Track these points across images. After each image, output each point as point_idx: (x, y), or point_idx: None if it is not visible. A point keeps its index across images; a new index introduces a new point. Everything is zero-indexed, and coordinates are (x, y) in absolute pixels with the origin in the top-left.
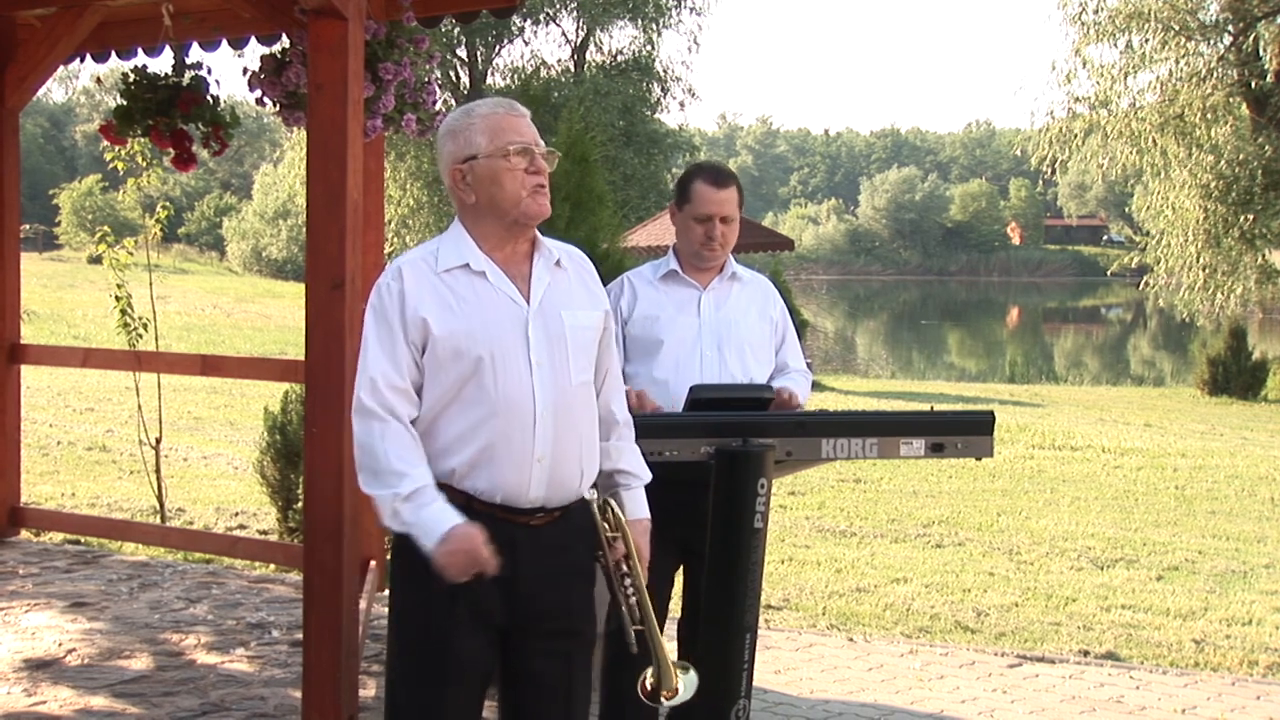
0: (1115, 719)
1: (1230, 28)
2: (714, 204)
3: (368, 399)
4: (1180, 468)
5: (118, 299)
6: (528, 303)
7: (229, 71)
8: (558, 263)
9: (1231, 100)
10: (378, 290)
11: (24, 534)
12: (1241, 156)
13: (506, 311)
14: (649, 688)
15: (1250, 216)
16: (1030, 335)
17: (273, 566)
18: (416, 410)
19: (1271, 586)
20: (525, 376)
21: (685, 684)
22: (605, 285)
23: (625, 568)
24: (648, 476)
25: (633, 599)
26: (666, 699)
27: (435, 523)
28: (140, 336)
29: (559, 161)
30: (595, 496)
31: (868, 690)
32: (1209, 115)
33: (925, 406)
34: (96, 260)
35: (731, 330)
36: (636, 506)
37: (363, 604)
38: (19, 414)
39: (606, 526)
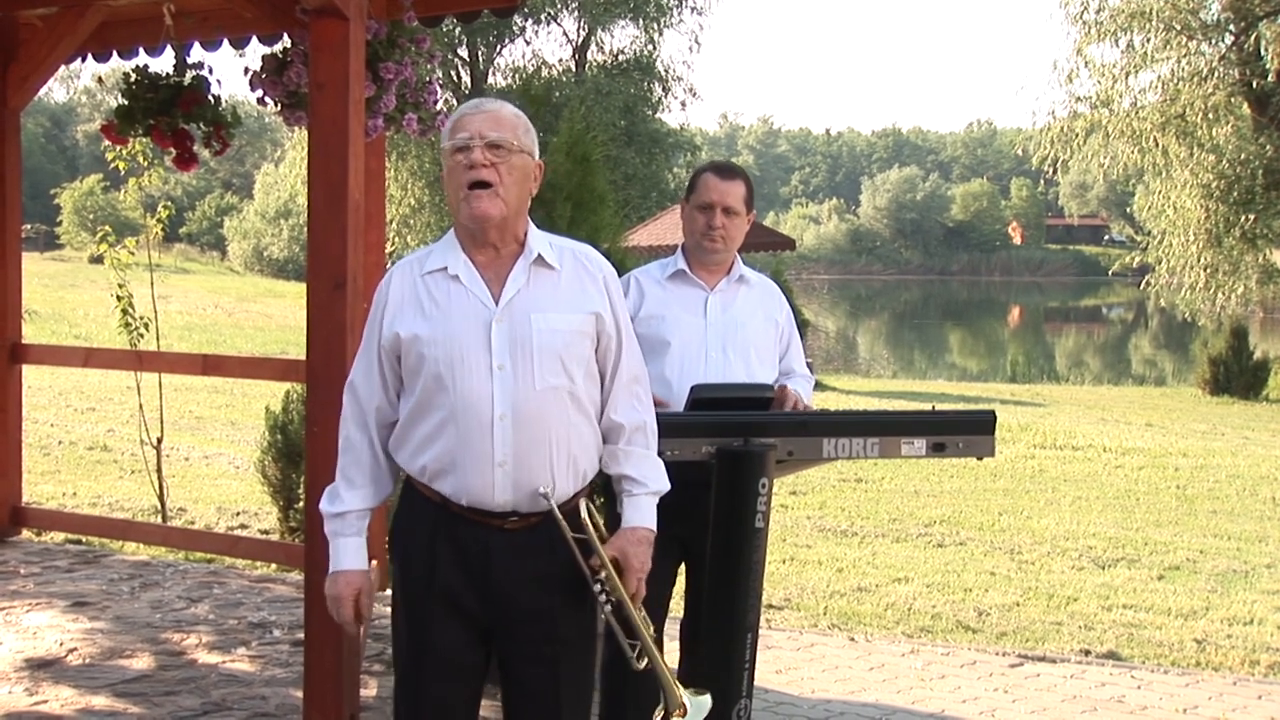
0: (1116, 718)
1: (1232, 27)
2: (717, 192)
3: (344, 401)
4: (1181, 467)
5: (119, 299)
6: (496, 305)
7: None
8: (539, 259)
9: (1233, 100)
10: (375, 293)
11: (25, 534)
12: (1243, 156)
13: (474, 315)
14: None
15: (1251, 216)
16: (1031, 335)
17: (274, 566)
18: (393, 415)
19: (1273, 586)
20: (485, 380)
21: (696, 706)
22: None
23: (599, 577)
24: (660, 485)
25: (607, 609)
26: (678, 717)
27: (338, 556)
28: (141, 336)
29: (560, 161)
30: (584, 505)
31: (869, 690)
32: (1210, 115)
33: (926, 406)
34: (98, 260)
35: (737, 333)
36: (635, 514)
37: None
38: (20, 414)
39: (591, 532)
